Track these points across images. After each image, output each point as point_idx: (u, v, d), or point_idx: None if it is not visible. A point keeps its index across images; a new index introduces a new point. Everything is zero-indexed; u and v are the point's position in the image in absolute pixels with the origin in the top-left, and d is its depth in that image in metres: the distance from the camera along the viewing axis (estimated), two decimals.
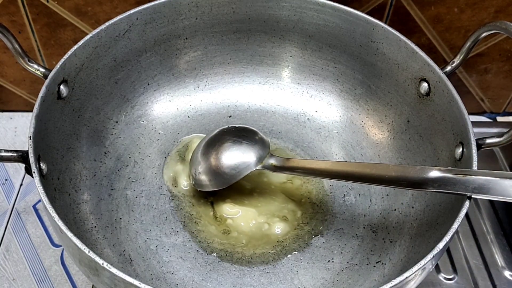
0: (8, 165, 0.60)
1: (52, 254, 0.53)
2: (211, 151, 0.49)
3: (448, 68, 0.47)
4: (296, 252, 0.47)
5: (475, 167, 0.40)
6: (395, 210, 0.49)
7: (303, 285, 0.45)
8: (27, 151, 0.38)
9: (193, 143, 0.53)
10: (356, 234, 0.48)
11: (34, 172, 0.37)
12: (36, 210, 0.56)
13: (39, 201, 0.56)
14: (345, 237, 0.48)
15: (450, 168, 0.39)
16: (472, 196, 0.38)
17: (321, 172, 0.45)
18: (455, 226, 0.36)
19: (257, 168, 0.48)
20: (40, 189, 0.36)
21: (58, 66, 0.44)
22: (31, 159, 0.38)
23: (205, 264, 0.46)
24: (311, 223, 0.49)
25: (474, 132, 0.42)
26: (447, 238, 0.36)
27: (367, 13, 0.50)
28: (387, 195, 0.50)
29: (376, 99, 0.53)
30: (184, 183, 0.50)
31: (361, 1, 0.56)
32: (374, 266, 0.45)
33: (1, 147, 0.59)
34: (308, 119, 0.56)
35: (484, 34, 0.45)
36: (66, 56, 0.44)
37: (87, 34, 0.47)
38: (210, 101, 0.57)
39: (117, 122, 0.52)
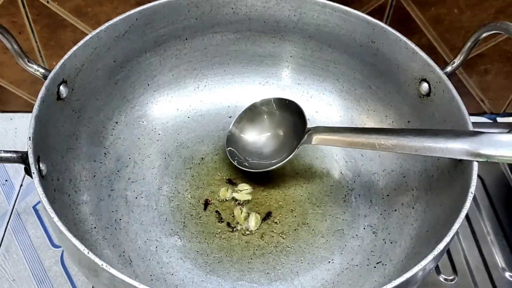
0: (8, 165, 0.60)
1: (52, 255, 0.52)
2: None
3: (448, 68, 0.47)
4: (296, 253, 0.47)
5: (475, 167, 0.40)
6: (395, 210, 0.49)
7: (303, 286, 0.45)
8: (27, 152, 0.38)
9: None
10: (356, 235, 0.48)
11: (33, 173, 0.37)
12: (36, 211, 0.56)
13: (39, 202, 0.56)
14: (345, 238, 0.48)
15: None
16: None
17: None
18: (456, 226, 0.36)
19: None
20: (39, 190, 0.36)
21: (57, 66, 0.43)
22: (31, 160, 0.38)
23: (205, 265, 0.45)
24: (311, 223, 0.48)
25: None
26: (447, 238, 0.36)
27: (367, 14, 0.50)
28: (388, 195, 0.50)
29: (376, 99, 0.53)
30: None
31: (361, 2, 0.56)
32: (375, 267, 0.45)
33: (1, 147, 0.59)
34: (308, 119, 0.56)
35: (484, 35, 0.45)
36: (65, 56, 0.44)
37: (87, 35, 0.47)
38: (210, 101, 0.56)
39: (117, 122, 0.52)
